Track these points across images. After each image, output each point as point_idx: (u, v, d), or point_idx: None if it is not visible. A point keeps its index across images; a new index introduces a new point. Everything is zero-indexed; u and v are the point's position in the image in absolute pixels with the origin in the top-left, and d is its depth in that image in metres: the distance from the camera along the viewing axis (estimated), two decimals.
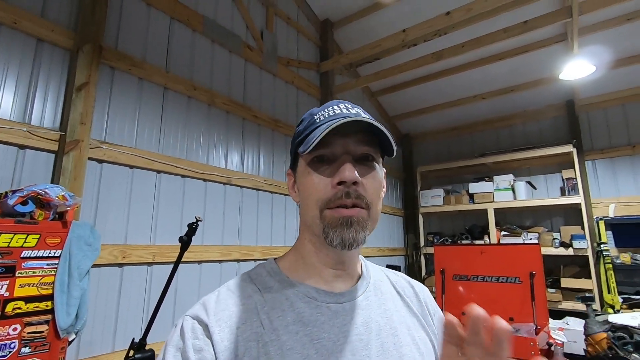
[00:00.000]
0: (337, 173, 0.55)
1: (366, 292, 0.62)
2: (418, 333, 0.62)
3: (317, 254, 0.60)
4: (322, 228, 0.55)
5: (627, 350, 1.49)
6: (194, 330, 0.51)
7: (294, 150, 0.62)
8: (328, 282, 0.60)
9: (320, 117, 0.58)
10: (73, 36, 2.06)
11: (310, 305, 0.56)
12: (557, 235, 4.23)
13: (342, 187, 0.54)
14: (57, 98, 2.00)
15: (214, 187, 2.77)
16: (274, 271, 0.61)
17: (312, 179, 0.57)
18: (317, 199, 0.55)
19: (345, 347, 0.54)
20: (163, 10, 2.59)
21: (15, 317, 1.36)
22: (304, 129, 0.59)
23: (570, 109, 4.46)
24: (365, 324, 0.57)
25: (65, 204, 1.57)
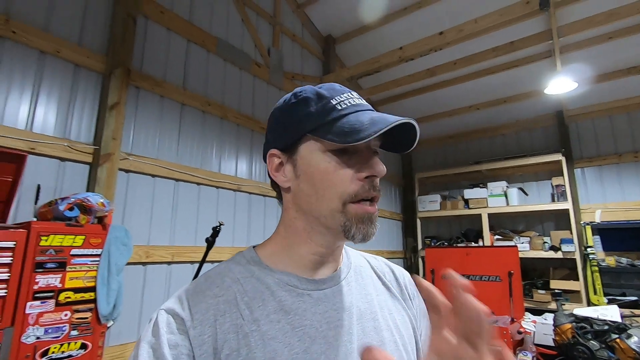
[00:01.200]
0: (365, 166, 0.55)
1: (347, 278, 0.63)
2: (399, 316, 0.63)
3: (308, 243, 0.59)
4: (343, 222, 0.54)
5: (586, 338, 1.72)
6: (169, 325, 0.49)
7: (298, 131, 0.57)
8: (311, 269, 0.60)
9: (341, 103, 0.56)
10: (105, 61, 2.34)
11: (292, 293, 0.56)
12: (548, 239, 4.45)
13: (368, 180, 0.55)
14: (92, 116, 2.27)
15: (225, 194, 3.03)
16: (254, 260, 0.60)
17: (337, 169, 0.54)
18: (343, 192, 0.54)
19: (328, 333, 0.54)
20: (181, 34, 2.87)
21: (66, 305, 1.62)
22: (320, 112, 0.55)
23: (560, 119, 4.70)
24: (347, 309, 0.58)
25: (104, 209, 1.83)
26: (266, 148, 0.62)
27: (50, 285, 1.57)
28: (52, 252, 1.59)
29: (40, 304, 1.54)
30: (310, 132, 0.56)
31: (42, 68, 2.09)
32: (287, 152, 0.59)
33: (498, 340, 0.36)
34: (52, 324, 1.56)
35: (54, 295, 1.58)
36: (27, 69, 2.02)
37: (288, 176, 0.59)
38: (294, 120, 0.57)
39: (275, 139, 0.60)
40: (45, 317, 1.55)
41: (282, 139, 0.59)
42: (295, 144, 0.58)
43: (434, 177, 5.51)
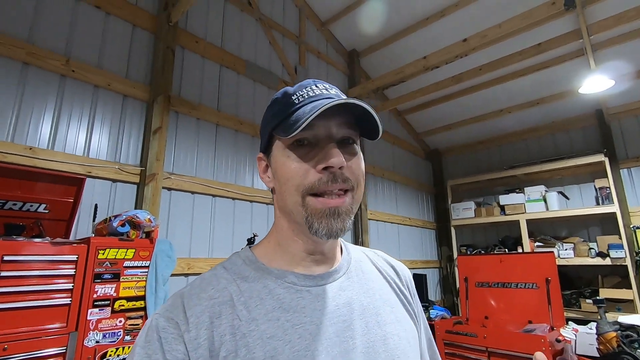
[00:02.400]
0: (322, 158, 0.53)
1: (347, 273, 0.62)
2: (400, 311, 0.63)
3: (296, 241, 0.58)
4: (306, 217, 0.53)
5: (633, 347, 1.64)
6: (164, 330, 0.48)
7: (268, 132, 0.58)
8: (306, 265, 0.59)
9: (299, 97, 0.55)
10: (148, 90, 2.58)
11: (290, 290, 0.55)
12: (594, 245, 4.20)
13: (327, 172, 0.53)
14: (138, 140, 2.51)
15: (259, 207, 3.18)
16: (250, 259, 0.59)
17: (293, 163, 0.54)
18: (298, 185, 0.53)
19: (329, 329, 0.53)
20: (214, 60, 3.09)
21: (120, 312, 1.79)
22: (280, 110, 0.56)
23: (600, 118, 4.47)
24: (347, 305, 0.57)
25: (151, 225, 2.01)
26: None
27: (107, 294, 1.75)
28: (108, 264, 1.78)
29: (98, 311, 1.71)
30: (274, 131, 0.57)
31: (96, 100, 2.35)
32: (267, 155, 0.61)
33: None
34: (109, 329, 1.73)
35: (110, 303, 1.76)
36: (84, 102, 2.29)
37: (271, 177, 0.60)
38: (265, 122, 0.60)
39: (261, 143, 0.63)
40: (103, 323, 1.72)
41: (262, 142, 0.61)
42: (269, 146, 0.59)
43: (467, 184, 5.39)
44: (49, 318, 1.58)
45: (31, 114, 2.06)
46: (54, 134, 2.14)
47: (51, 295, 1.60)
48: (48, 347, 1.55)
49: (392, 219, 4.77)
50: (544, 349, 1.71)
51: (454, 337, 2.21)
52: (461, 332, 2.16)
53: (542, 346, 1.73)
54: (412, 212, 5.26)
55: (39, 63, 2.11)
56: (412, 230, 5.14)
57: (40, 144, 2.07)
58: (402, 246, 4.84)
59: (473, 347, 2.05)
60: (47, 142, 2.10)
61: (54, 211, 1.93)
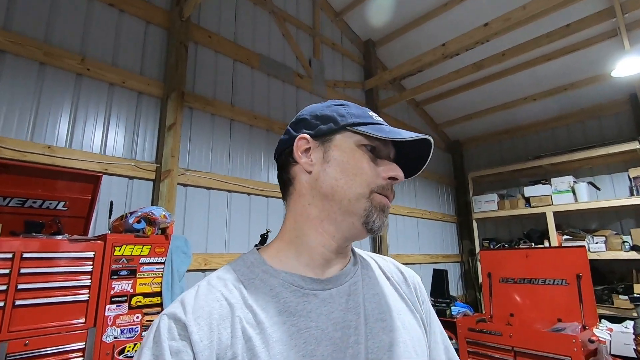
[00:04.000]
0: (390, 168, 0.59)
1: (354, 277, 0.62)
2: (407, 317, 0.62)
3: (320, 233, 0.59)
4: (367, 206, 0.57)
5: None
6: (170, 331, 0.48)
7: (341, 124, 0.61)
8: (317, 266, 0.59)
9: (374, 117, 0.62)
10: (163, 87, 2.58)
11: (296, 294, 0.55)
12: (628, 238, 3.96)
13: (390, 181, 0.59)
14: (153, 137, 2.52)
15: (274, 202, 3.15)
16: (257, 261, 0.59)
17: (369, 162, 0.59)
18: (370, 182, 0.57)
19: (335, 334, 0.53)
20: (227, 55, 3.07)
21: (137, 308, 1.80)
22: (360, 115, 0.61)
23: (635, 104, 4.19)
24: (353, 310, 0.57)
25: (166, 221, 2.01)
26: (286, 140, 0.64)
27: (124, 291, 1.76)
28: (124, 261, 1.79)
29: (116, 307, 1.73)
30: (350, 126, 0.60)
31: (112, 98, 2.37)
32: (318, 140, 0.61)
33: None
34: (126, 325, 1.74)
35: (127, 300, 1.77)
36: (100, 100, 2.31)
37: (314, 161, 0.61)
38: (336, 115, 0.62)
39: (306, 127, 0.63)
40: (121, 319, 1.73)
41: (317, 128, 0.62)
42: (331, 134, 0.61)
43: (489, 176, 5.20)
44: (68, 314, 1.60)
45: (49, 113, 2.10)
46: (71, 132, 2.17)
47: (69, 292, 1.62)
48: (68, 342, 1.57)
49: (411, 212, 4.66)
50: (575, 350, 1.60)
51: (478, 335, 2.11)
52: (485, 330, 2.06)
53: (574, 347, 1.62)
54: (432, 206, 5.12)
55: (55, 62, 2.13)
56: (432, 224, 5.01)
57: (58, 143, 2.11)
58: (422, 240, 4.73)
59: (498, 346, 1.95)
60: (64, 141, 2.13)
61: (72, 208, 1.95)
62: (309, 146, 0.62)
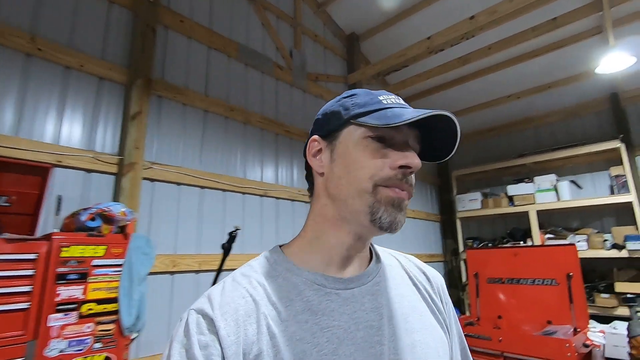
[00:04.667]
0: (401, 156, 0.54)
1: (376, 277, 0.61)
2: (429, 319, 0.61)
3: (337, 231, 0.58)
4: (371, 202, 0.53)
5: None
6: (199, 325, 0.49)
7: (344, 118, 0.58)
8: (338, 265, 0.59)
9: (387, 100, 0.57)
10: (127, 72, 2.36)
11: (319, 292, 0.55)
12: (609, 236, 3.97)
13: (402, 170, 0.54)
14: (116, 127, 2.29)
15: (251, 200, 2.97)
16: (280, 259, 0.59)
17: (372, 153, 0.55)
18: (373, 175, 0.54)
19: (357, 334, 0.53)
20: (201, 41, 2.86)
21: (89, 317, 1.59)
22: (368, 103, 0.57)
23: (615, 102, 4.21)
24: (376, 310, 0.56)
25: (125, 218, 1.81)
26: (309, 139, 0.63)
27: (72, 297, 1.55)
28: (73, 263, 1.58)
29: (62, 316, 1.52)
30: (353, 118, 0.57)
31: (67, 82, 2.13)
32: (327, 139, 0.60)
33: None
34: (75, 336, 1.53)
35: (77, 307, 1.56)
36: (53, 84, 2.07)
37: (324, 162, 0.60)
38: (342, 109, 0.59)
39: (318, 128, 0.62)
40: (68, 330, 1.52)
41: (325, 127, 0.60)
42: (337, 130, 0.59)
43: (473, 174, 5.16)
44: (3, 325, 1.38)
45: None
46: (19, 119, 1.93)
47: (6, 299, 1.40)
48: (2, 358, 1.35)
49: None
50: (569, 355, 1.50)
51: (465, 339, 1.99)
52: (473, 334, 1.94)
53: (567, 352, 1.51)
54: (415, 204, 5.03)
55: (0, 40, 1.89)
56: (415, 223, 4.91)
57: (4, 131, 1.86)
58: (405, 240, 4.63)
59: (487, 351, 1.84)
60: (10, 129, 1.89)
61: (18, 205, 1.72)
62: (320, 147, 0.61)
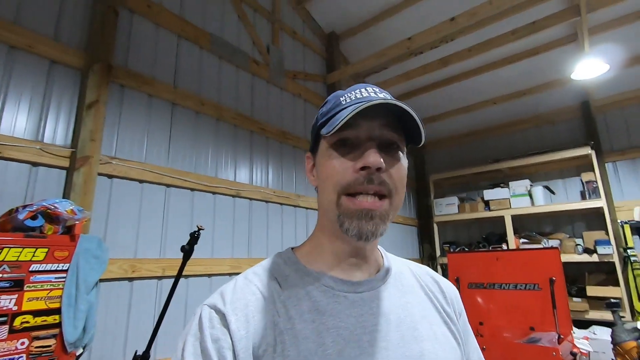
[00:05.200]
0: (360, 158, 0.53)
1: (386, 283, 0.61)
2: (440, 329, 0.60)
3: (332, 242, 0.59)
4: (338, 215, 0.54)
5: None
6: (211, 320, 0.51)
7: (316, 132, 0.60)
8: (346, 271, 0.59)
9: (347, 99, 0.57)
10: (84, 56, 2.13)
11: (327, 294, 0.55)
12: (580, 241, 4.05)
13: (364, 172, 0.52)
14: (69, 116, 2.06)
15: (223, 200, 2.78)
16: (291, 260, 0.60)
17: (333, 162, 0.55)
18: (335, 183, 0.54)
19: (363, 337, 0.52)
20: (171, 30, 2.66)
21: (24, 331, 1.36)
22: (328, 110, 0.58)
23: (586, 110, 4.33)
24: (384, 315, 0.56)
25: (74, 217, 1.59)
26: None
27: (2, 309, 1.32)
28: (5, 269, 1.35)
29: None
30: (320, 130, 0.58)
31: (12, 64, 1.89)
32: (314, 153, 0.62)
33: None
34: (4, 354, 1.30)
35: (8, 320, 1.33)
36: None
37: (315, 176, 0.61)
38: (316, 121, 0.61)
39: (311, 142, 0.64)
40: None
41: (312, 142, 0.63)
42: (316, 145, 0.61)
43: (450, 179, 5.17)
44: None
45: None
46: None
47: None
48: None
49: None
50: None
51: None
52: None
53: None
54: None
55: None
56: (392, 227, 4.84)
57: None
58: (382, 244, 4.45)
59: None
60: None
61: None
62: (313, 162, 0.63)
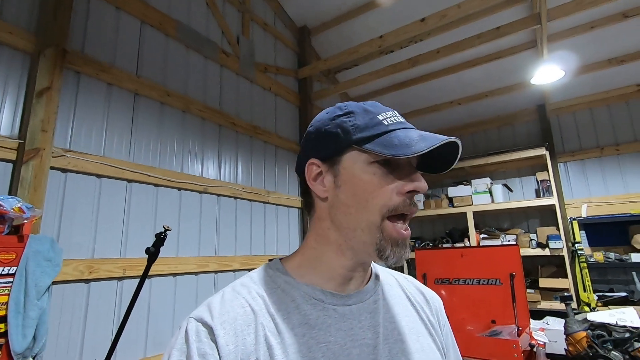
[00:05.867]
0: (408, 181, 0.53)
1: (374, 296, 0.61)
2: (426, 340, 0.61)
3: (339, 256, 0.57)
4: (379, 240, 0.53)
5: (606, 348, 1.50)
6: (198, 334, 0.49)
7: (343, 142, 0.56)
8: (337, 283, 0.58)
9: (387, 120, 0.56)
10: (34, 39, 1.95)
11: (317, 307, 0.55)
12: (534, 236, 4.32)
13: (409, 195, 0.54)
14: (16, 104, 1.87)
15: (189, 196, 2.67)
16: (280, 272, 0.59)
17: (379, 181, 0.53)
18: (382, 205, 0.53)
19: (353, 351, 0.53)
20: (133, 14, 2.50)
21: None
22: (367, 126, 0.55)
23: (542, 113, 4.61)
24: (372, 328, 0.56)
25: (22, 216, 1.45)
26: (302, 158, 0.61)
27: None
28: None
29: None
30: (356, 144, 0.55)
31: None
32: (327, 162, 0.58)
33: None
34: None
35: None
36: None
37: (327, 186, 0.58)
38: (340, 131, 0.57)
39: (314, 149, 0.60)
40: None
41: (323, 149, 0.58)
42: (338, 154, 0.57)
43: None
44: None
45: None
46: None
47: None
48: None
49: None
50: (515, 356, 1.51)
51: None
52: None
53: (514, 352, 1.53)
54: None
55: None
56: None
57: None
58: None
59: None
60: None
61: None
62: (320, 170, 0.59)
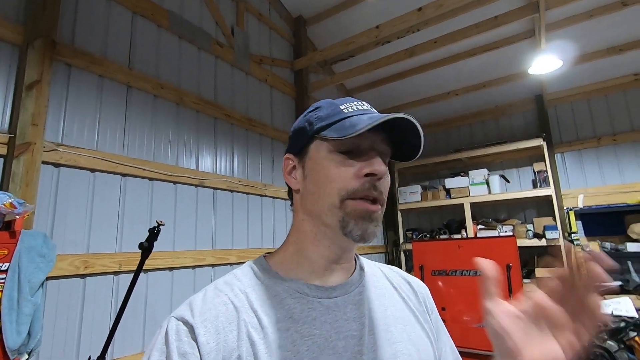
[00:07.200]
0: (366, 164, 0.55)
1: (359, 287, 0.61)
2: (414, 329, 0.61)
3: (317, 245, 0.58)
4: (341, 217, 0.54)
5: (602, 338, 1.51)
6: (178, 333, 0.49)
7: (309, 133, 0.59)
8: (321, 276, 0.59)
9: (348, 108, 0.58)
10: (22, 31, 1.90)
11: (301, 301, 0.55)
12: (531, 227, 4.33)
13: (368, 179, 0.54)
14: (6, 98, 1.84)
15: (185, 190, 2.65)
16: (263, 268, 0.60)
17: (338, 166, 0.55)
18: (340, 188, 0.54)
19: (338, 343, 0.53)
20: (124, 4, 2.44)
21: None
22: (327, 116, 0.58)
23: (540, 104, 4.58)
24: (358, 319, 0.56)
25: (14, 211, 1.43)
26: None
27: None
28: None
29: None
30: (317, 133, 0.58)
31: None
32: (299, 156, 0.61)
33: None
34: None
35: None
36: None
37: (298, 178, 0.60)
38: (307, 124, 0.60)
39: (291, 145, 0.63)
40: None
41: (296, 144, 0.62)
42: (306, 146, 0.60)
43: (414, 168, 5.30)
44: None
45: None
46: None
47: None
48: None
49: None
50: None
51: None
52: None
53: None
54: None
55: None
56: None
57: None
58: None
59: None
60: None
61: None
62: (294, 164, 0.62)
